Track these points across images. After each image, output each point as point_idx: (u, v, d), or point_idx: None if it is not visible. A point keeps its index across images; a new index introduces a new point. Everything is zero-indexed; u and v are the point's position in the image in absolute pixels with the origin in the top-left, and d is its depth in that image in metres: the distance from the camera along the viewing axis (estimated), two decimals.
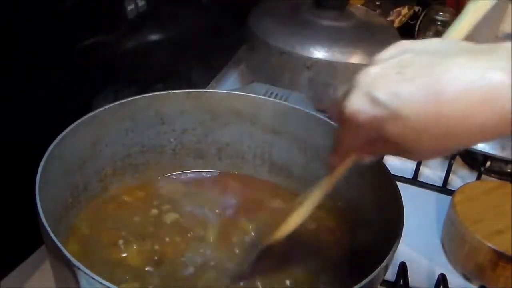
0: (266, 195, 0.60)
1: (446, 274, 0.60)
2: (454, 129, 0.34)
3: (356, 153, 0.41)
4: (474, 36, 1.07)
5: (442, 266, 0.65)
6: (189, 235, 0.53)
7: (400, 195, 0.48)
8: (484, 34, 0.98)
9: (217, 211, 0.56)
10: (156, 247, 0.52)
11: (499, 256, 0.60)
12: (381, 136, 0.36)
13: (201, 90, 0.60)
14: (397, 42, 0.37)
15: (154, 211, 0.56)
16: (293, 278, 0.50)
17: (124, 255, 0.50)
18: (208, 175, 0.62)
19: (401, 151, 0.37)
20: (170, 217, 0.55)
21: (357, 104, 0.35)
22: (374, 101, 0.35)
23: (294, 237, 0.55)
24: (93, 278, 0.36)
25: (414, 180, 0.79)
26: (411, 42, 0.37)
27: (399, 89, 0.34)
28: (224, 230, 0.54)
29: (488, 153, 0.78)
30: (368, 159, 0.40)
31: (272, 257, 0.49)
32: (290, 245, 0.54)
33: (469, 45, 0.36)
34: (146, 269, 0.49)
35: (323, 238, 0.55)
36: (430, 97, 0.33)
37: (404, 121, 0.34)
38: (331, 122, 0.58)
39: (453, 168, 0.79)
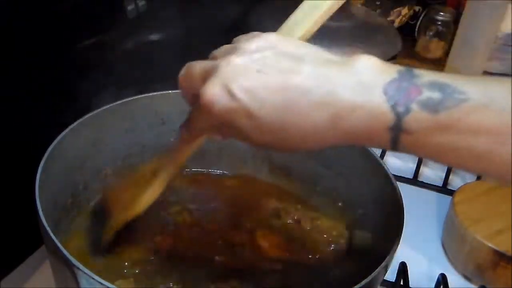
0: (265, 195, 0.60)
1: (446, 274, 0.60)
2: (296, 138, 0.36)
3: (206, 134, 0.42)
4: (473, 36, 1.06)
5: (442, 266, 0.65)
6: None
7: (400, 195, 0.48)
8: (484, 33, 0.99)
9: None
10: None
11: (499, 256, 0.60)
12: (230, 125, 0.37)
13: None
14: (264, 34, 0.38)
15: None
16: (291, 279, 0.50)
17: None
18: (208, 175, 0.62)
19: (248, 140, 0.38)
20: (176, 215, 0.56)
21: (214, 94, 0.36)
22: (231, 94, 0.35)
23: (293, 237, 0.55)
24: (93, 278, 0.36)
25: (414, 180, 0.79)
26: (277, 39, 0.37)
27: (257, 89, 0.35)
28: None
29: None
30: (217, 139, 0.41)
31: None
32: (289, 244, 0.54)
33: (326, 55, 0.37)
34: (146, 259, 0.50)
35: (322, 238, 0.55)
36: (283, 103, 0.35)
37: (253, 120, 0.36)
38: None
39: (453, 168, 0.79)
